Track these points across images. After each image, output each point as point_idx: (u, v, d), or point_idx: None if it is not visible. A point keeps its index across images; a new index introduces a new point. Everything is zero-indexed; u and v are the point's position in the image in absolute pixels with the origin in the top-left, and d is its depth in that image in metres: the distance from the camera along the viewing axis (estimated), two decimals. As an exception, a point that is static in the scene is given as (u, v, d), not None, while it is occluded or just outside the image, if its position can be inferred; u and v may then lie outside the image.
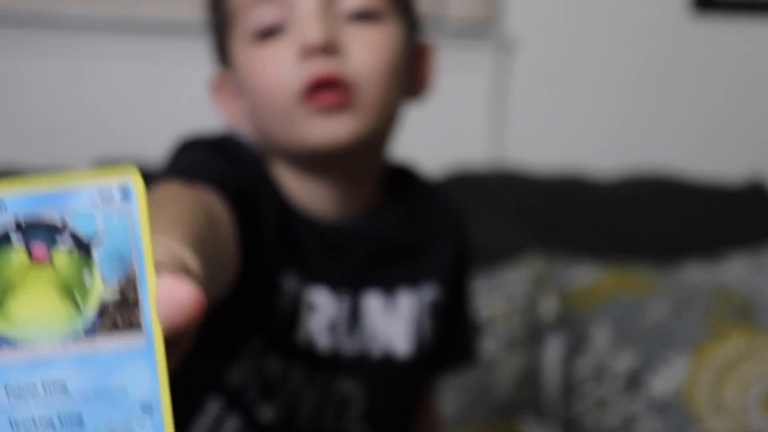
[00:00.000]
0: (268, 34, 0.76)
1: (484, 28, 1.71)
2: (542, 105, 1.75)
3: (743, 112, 1.77)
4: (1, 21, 1.60)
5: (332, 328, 0.79)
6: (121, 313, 0.32)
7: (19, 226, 0.32)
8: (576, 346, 1.36)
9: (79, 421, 0.31)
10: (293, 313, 0.78)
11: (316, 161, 0.79)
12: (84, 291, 0.32)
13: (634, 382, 1.32)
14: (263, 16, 0.76)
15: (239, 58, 0.79)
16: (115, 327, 0.32)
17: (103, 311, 0.32)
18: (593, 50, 1.75)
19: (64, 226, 0.32)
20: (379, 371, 0.82)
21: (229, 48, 0.80)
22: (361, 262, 0.82)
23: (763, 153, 1.76)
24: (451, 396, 1.28)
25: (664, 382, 1.31)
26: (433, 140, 1.71)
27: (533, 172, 1.62)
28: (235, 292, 0.62)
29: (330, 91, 0.74)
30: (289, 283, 0.77)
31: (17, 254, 0.32)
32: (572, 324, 1.37)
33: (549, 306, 1.37)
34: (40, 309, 0.31)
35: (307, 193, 0.80)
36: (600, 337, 1.36)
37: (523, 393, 1.31)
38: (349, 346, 0.80)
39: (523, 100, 1.74)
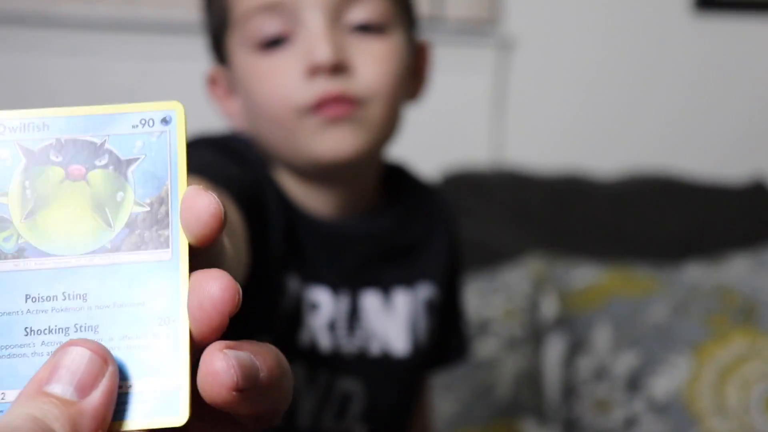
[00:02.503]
0: (272, 44, 0.76)
1: (484, 28, 1.71)
2: (542, 105, 1.75)
3: (744, 111, 1.77)
4: (2, 21, 1.60)
5: (332, 327, 0.80)
6: (149, 228, 0.32)
7: (59, 145, 0.32)
8: (576, 346, 1.35)
9: (95, 332, 0.31)
10: (296, 313, 0.78)
11: (319, 171, 0.79)
12: (115, 207, 0.32)
13: (634, 382, 1.32)
14: (268, 25, 0.75)
15: (240, 64, 0.78)
16: (141, 242, 0.32)
17: (131, 225, 0.32)
18: (593, 50, 1.75)
19: (103, 146, 0.32)
20: (378, 369, 0.82)
21: (227, 47, 0.80)
22: (360, 262, 0.82)
23: (764, 152, 1.76)
24: (451, 396, 1.28)
25: (664, 382, 1.31)
26: (433, 140, 1.71)
27: (533, 172, 1.62)
28: (243, 293, 0.62)
29: (337, 104, 0.74)
30: (292, 283, 0.78)
31: (54, 171, 0.32)
32: (572, 324, 1.37)
33: (549, 306, 1.36)
34: (71, 222, 0.32)
35: (307, 196, 0.81)
36: (600, 337, 1.36)
37: (523, 393, 1.31)
38: (348, 344, 0.80)
39: (523, 100, 1.73)
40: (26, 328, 0.31)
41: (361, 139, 0.76)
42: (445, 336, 0.92)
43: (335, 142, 0.75)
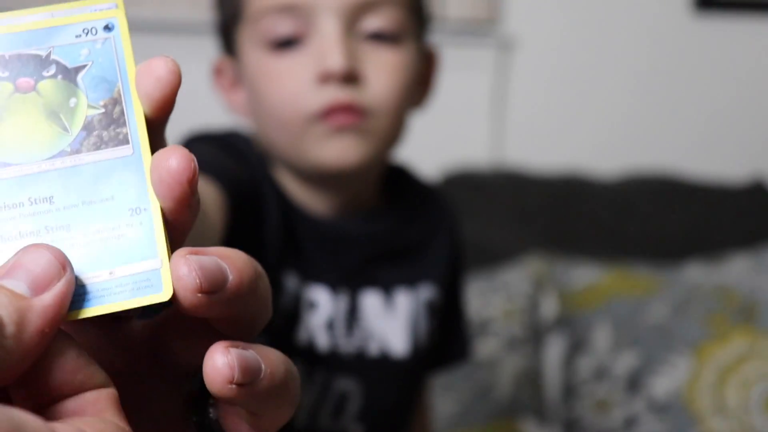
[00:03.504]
0: (284, 44, 0.75)
1: (484, 28, 1.71)
2: (542, 105, 1.75)
3: (744, 111, 1.77)
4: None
5: (330, 326, 0.80)
6: (107, 128, 0.32)
7: (3, 61, 0.32)
8: (576, 346, 1.35)
9: (67, 230, 0.31)
10: (294, 311, 0.78)
11: (321, 176, 0.79)
12: (69, 112, 0.32)
13: (634, 382, 1.31)
14: (281, 26, 0.75)
15: (250, 61, 0.78)
16: (101, 142, 0.32)
17: (88, 128, 0.32)
18: (593, 50, 1.75)
19: (48, 57, 0.32)
20: (376, 370, 0.82)
21: (238, 39, 0.79)
22: (360, 261, 0.82)
23: (764, 153, 1.76)
24: (451, 396, 1.28)
25: (664, 382, 1.31)
26: (433, 140, 1.71)
27: (533, 172, 1.62)
28: None
29: (345, 113, 0.75)
30: (291, 281, 0.78)
31: (2, 86, 0.32)
32: (572, 324, 1.36)
33: (549, 306, 1.36)
34: (27, 133, 0.32)
35: (307, 196, 0.81)
36: (600, 337, 1.36)
37: (523, 393, 1.31)
38: (347, 344, 0.80)
39: (523, 100, 1.73)
40: None
41: (365, 149, 0.76)
42: (446, 336, 0.92)
43: (340, 151, 0.75)
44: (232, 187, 0.68)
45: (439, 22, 1.70)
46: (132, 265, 0.31)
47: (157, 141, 0.33)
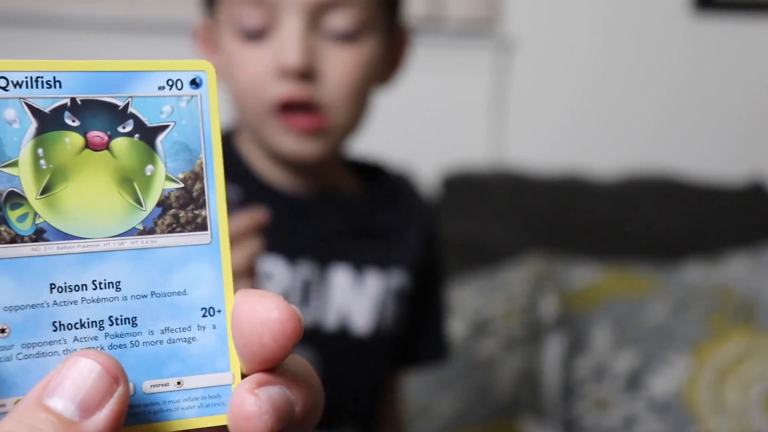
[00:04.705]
0: (253, 35, 0.79)
1: (484, 28, 1.71)
2: (542, 105, 1.75)
3: (744, 111, 1.77)
4: (2, 21, 1.60)
5: (285, 297, 0.81)
6: (184, 208, 0.28)
7: (75, 107, 0.27)
8: (576, 346, 1.35)
9: (133, 324, 0.27)
10: None
11: (283, 160, 0.83)
12: (145, 182, 0.28)
13: (634, 382, 1.32)
14: (249, 17, 0.79)
15: (226, 43, 0.82)
16: (176, 223, 0.28)
17: (164, 205, 0.28)
18: (593, 50, 1.75)
19: (126, 109, 0.28)
20: (334, 343, 0.84)
21: (217, 11, 0.83)
22: (327, 235, 0.85)
23: (763, 153, 1.76)
24: (451, 396, 1.28)
25: (664, 382, 1.31)
26: (433, 140, 1.71)
27: (533, 172, 1.62)
28: None
29: (302, 115, 0.78)
30: None
31: (72, 138, 0.27)
32: (572, 324, 1.37)
33: (549, 306, 1.36)
34: (95, 200, 0.27)
35: (271, 171, 0.85)
36: (600, 337, 1.36)
37: (523, 393, 1.31)
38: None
39: (523, 100, 1.73)
40: (54, 322, 0.27)
41: (323, 146, 0.80)
42: (423, 335, 0.93)
43: (298, 146, 0.80)
44: None
45: (439, 22, 1.70)
46: (203, 376, 0.28)
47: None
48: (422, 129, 1.71)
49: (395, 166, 0.96)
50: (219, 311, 0.28)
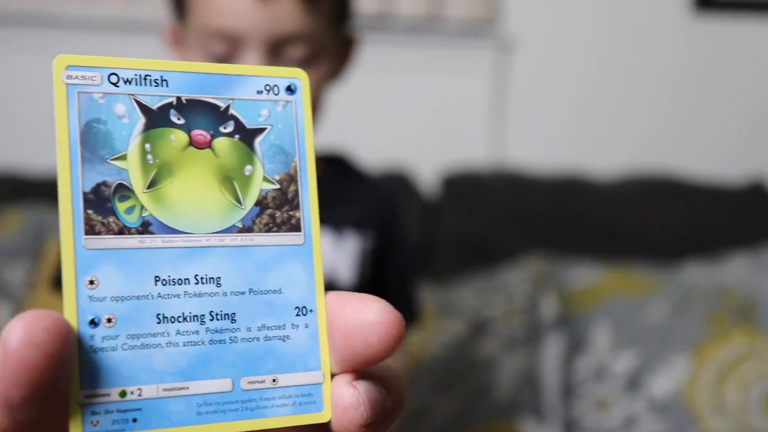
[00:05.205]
0: (220, 61, 0.85)
1: (484, 28, 1.71)
2: (542, 105, 1.75)
3: (743, 111, 1.77)
4: (2, 21, 1.60)
5: None
6: (280, 208, 0.29)
7: (180, 105, 0.28)
8: (576, 346, 1.35)
9: (232, 320, 0.28)
10: None
11: None
12: (244, 181, 0.29)
13: (634, 382, 1.32)
14: (216, 46, 0.85)
15: (194, 57, 0.88)
16: (273, 223, 0.29)
17: (262, 204, 0.29)
18: (593, 50, 1.75)
19: (228, 110, 0.29)
20: None
21: (188, 22, 0.89)
22: None
23: (763, 153, 1.76)
24: (450, 396, 1.28)
25: (664, 382, 1.31)
26: (433, 140, 1.71)
27: (533, 172, 1.62)
28: None
29: None
30: None
31: (177, 135, 0.28)
32: (572, 324, 1.37)
33: (549, 306, 1.36)
34: (197, 196, 0.28)
35: None
36: (600, 337, 1.36)
37: (522, 393, 1.31)
38: None
39: (523, 101, 1.74)
40: (158, 314, 0.27)
41: None
42: (394, 298, 0.98)
43: None
44: None
45: (439, 22, 1.70)
46: (296, 374, 0.28)
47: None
48: (422, 129, 1.71)
49: (358, 162, 1.02)
50: (311, 311, 0.29)
